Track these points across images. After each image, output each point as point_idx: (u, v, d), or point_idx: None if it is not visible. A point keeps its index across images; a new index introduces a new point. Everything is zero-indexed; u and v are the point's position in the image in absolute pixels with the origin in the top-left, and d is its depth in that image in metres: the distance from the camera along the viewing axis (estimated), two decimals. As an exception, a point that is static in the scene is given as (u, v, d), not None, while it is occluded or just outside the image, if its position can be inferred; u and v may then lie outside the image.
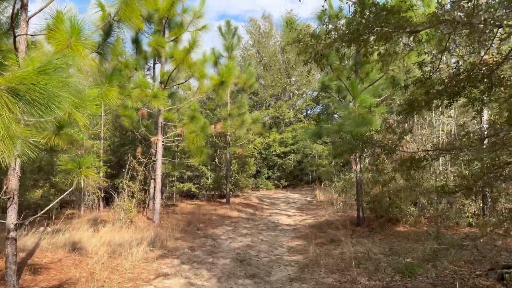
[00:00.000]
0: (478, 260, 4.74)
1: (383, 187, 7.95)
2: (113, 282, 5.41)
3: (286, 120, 26.16)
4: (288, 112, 25.14)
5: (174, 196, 17.10)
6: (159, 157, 11.06)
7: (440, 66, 4.08)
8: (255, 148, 21.01)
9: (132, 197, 10.29)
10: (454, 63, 4.00)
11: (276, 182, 24.32)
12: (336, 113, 17.05)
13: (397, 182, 7.93)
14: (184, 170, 16.71)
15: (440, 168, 8.34)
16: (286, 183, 24.32)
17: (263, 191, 23.63)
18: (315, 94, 28.18)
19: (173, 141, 12.09)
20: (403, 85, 4.30)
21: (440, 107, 3.86)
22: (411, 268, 3.46)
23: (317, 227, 9.36)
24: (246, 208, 14.75)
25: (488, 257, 4.90)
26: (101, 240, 8.02)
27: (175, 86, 13.68)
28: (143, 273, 5.98)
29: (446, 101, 3.72)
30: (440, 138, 8.86)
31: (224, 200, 16.09)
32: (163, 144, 11.50)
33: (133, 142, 15.33)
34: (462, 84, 3.64)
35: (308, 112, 29.40)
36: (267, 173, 24.65)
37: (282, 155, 24.70)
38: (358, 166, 7.92)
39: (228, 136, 15.62)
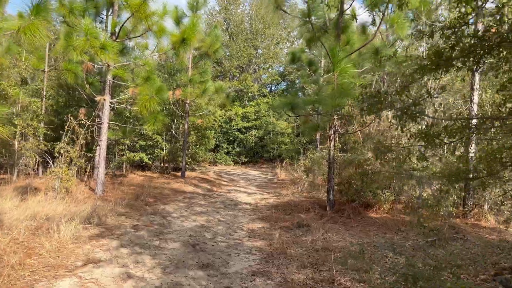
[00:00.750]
0: (474, 260, 4.05)
1: (357, 168, 7.19)
2: (25, 269, 4.19)
3: (250, 94, 25.03)
4: (253, 86, 23.99)
5: (124, 166, 15.65)
6: (106, 120, 9.62)
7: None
8: (216, 121, 19.79)
9: (70, 163, 8.85)
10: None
11: (235, 158, 23.36)
12: (306, 88, 16.14)
13: (373, 164, 7.20)
14: (136, 139, 15.25)
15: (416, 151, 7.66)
16: (246, 160, 23.44)
17: (222, 167, 22.62)
18: (282, 69, 27.16)
19: (123, 104, 10.63)
20: (425, 34, 3.36)
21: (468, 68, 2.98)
22: (421, 274, 2.68)
23: (281, 208, 8.52)
24: (202, 183, 13.68)
25: (485, 255, 4.23)
26: (26, 213, 6.65)
27: (129, 42, 12.05)
28: (70, 257, 4.78)
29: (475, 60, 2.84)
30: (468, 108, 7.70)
31: (179, 174, 14.89)
32: (111, 106, 10.03)
33: (79, 103, 13.61)
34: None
35: (273, 88, 28.41)
36: (227, 148, 23.60)
37: (243, 130, 23.68)
38: (332, 144, 7.07)
39: (187, 105, 14.28)
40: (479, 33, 3.09)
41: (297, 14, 9.84)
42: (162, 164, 16.30)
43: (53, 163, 9.62)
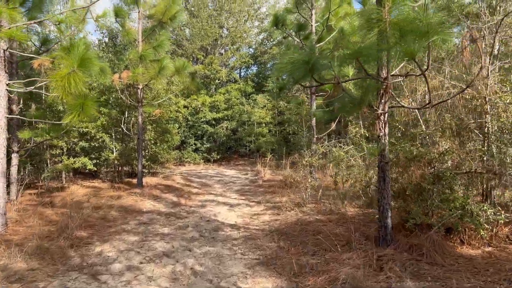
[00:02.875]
0: None
1: (426, 168, 4.23)
2: None
3: (218, 80, 21.64)
4: (221, 70, 20.60)
5: (64, 176, 11.97)
6: (2, 111, 6.07)
7: None
8: (180, 112, 16.33)
9: None
10: None
11: (205, 155, 19.99)
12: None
13: (455, 160, 4.29)
14: (76, 140, 11.60)
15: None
16: (218, 157, 20.13)
17: (190, 166, 19.22)
18: (252, 50, 23.89)
19: (37, 88, 7.06)
20: None
21: None
22: None
23: (291, 237, 5.39)
24: (166, 194, 10.32)
25: None
26: None
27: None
28: None
29: None
30: None
31: (136, 181, 11.41)
32: (10, 91, 6.44)
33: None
34: None
35: (243, 72, 25.13)
36: (195, 144, 20.18)
37: (213, 122, 20.33)
38: (385, 129, 4.01)
39: (140, 92, 10.79)
40: None
41: None
42: (113, 169, 12.72)
43: None
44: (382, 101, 4.09)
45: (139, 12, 10.64)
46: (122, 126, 11.60)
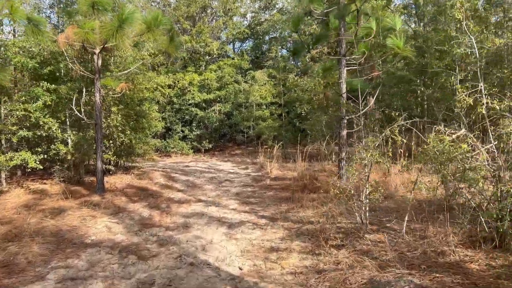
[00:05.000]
0: None
1: None
2: None
3: (208, 57, 18.29)
4: (212, 43, 17.22)
5: (4, 177, 8.76)
6: None
7: None
8: (160, 90, 13.04)
9: None
10: None
11: (195, 144, 16.79)
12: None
13: None
14: (14, 128, 8.35)
15: None
16: (210, 146, 16.92)
17: (177, 158, 16.06)
18: (248, 21, 20.50)
19: None
20: None
21: None
22: None
23: None
24: (135, 203, 7.20)
25: None
26: None
27: None
28: None
29: None
30: None
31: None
32: None
33: None
34: None
35: (237, 48, 21.77)
36: (182, 131, 16.96)
37: (203, 104, 17.06)
38: None
39: (97, 58, 7.54)
40: None
41: None
42: (69, 167, 9.50)
43: None
44: None
45: None
46: (74, 108, 8.30)
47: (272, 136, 14.89)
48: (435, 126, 3.57)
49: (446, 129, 3.47)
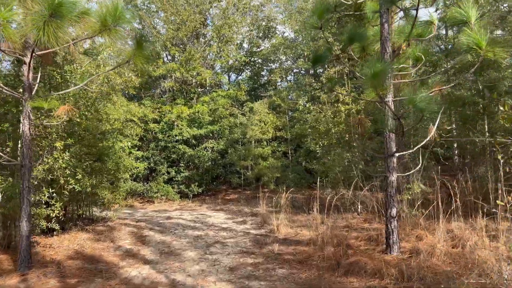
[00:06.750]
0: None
1: None
2: None
3: (199, 89, 16.03)
4: (204, 72, 14.99)
5: None
6: None
7: None
8: (133, 120, 10.53)
9: None
10: None
11: (183, 188, 14.07)
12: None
13: None
14: None
15: None
16: (200, 190, 14.18)
17: (161, 204, 13.31)
18: (244, 51, 18.46)
19: None
20: None
21: None
22: None
23: None
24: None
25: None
26: None
27: None
28: None
29: None
30: None
31: (46, 242, 5.50)
32: None
33: None
34: None
35: (232, 77, 19.65)
36: (168, 172, 14.31)
37: (193, 141, 14.53)
38: None
39: (27, 67, 5.08)
40: None
41: None
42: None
43: None
44: None
45: None
46: (9, 144, 5.72)
47: (275, 179, 12.30)
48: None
49: None
